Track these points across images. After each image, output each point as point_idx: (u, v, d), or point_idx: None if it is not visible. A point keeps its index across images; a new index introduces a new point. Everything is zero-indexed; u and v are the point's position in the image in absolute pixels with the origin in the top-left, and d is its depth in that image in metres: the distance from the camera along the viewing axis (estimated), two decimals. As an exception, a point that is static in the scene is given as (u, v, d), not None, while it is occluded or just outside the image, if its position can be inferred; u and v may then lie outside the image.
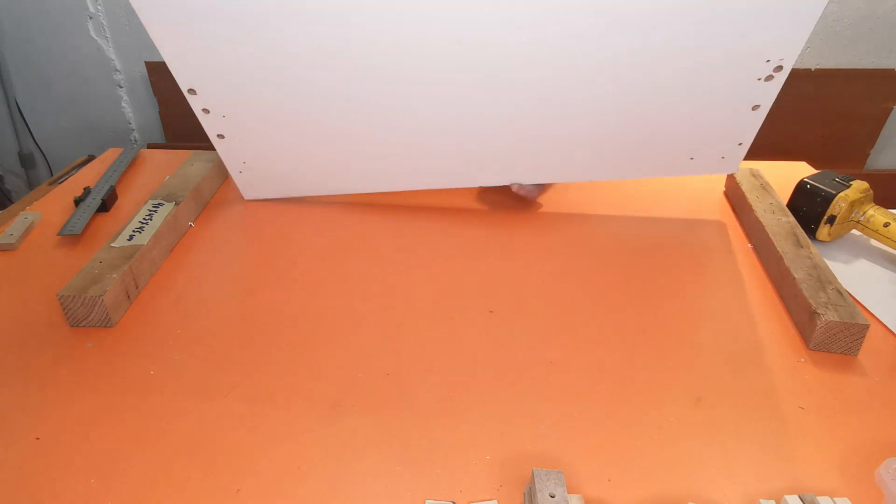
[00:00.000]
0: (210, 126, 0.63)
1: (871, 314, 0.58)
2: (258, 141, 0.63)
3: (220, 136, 0.65)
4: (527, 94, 0.52)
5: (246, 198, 0.58)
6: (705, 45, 0.47)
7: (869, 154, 1.74)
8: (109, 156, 0.90)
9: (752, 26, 0.46)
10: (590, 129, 0.53)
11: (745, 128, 0.53)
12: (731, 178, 0.80)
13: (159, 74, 1.64)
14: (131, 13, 1.57)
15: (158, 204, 0.68)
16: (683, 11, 0.44)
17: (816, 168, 0.82)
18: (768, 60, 0.48)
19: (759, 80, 0.50)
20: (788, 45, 0.48)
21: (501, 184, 0.53)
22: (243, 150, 0.64)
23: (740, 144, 0.53)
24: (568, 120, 0.52)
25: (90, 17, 1.58)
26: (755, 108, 0.53)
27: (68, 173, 0.86)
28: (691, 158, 0.52)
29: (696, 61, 0.47)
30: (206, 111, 0.62)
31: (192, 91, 0.60)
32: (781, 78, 0.51)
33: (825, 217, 0.68)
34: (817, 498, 0.38)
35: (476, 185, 0.53)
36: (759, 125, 0.53)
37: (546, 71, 0.51)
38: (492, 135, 0.55)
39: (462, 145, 0.56)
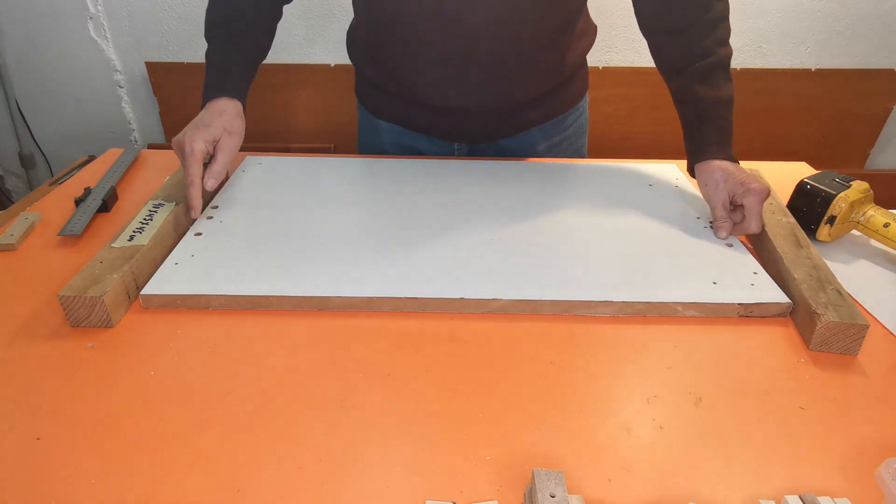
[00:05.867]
0: (198, 226, 0.69)
1: (871, 314, 0.58)
2: (230, 240, 0.66)
3: (198, 234, 0.66)
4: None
5: (143, 291, 0.56)
6: (671, 218, 0.73)
7: (869, 154, 1.74)
8: (110, 156, 0.90)
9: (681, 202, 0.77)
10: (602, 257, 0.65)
11: (743, 260, 0.64)
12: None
13: (160, 75, 1.64)
14: (132, 13, 1.57)
15: (159, 204, 0.68)
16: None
17: (816, 168, 0.82)
18: (698, 217, 0.73)
19: (705, 228, 0.70)
20: (701, 211, 0.74)
21: (486, 297, 0.58)
22: (203, 246, 0.65)
23: (755, 273, 0.62)
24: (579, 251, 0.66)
25: (90, 18, 1.58)
26: (728, 245, 0.67)
27: (69, 173, 0.87)
28: (714, 283, 0.60)
29: (675, 227, 0.71)
30: (211, 217, 0.70)
31: (215, 206, 0.73)
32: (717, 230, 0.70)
33: (825, 217, 0.68)
34: (818, 498, 0.38)
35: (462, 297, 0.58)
36: (749, 256, 0.65)
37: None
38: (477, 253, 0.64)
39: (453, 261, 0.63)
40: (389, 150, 0.94)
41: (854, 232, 0.73)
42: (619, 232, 0.69)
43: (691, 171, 0.76)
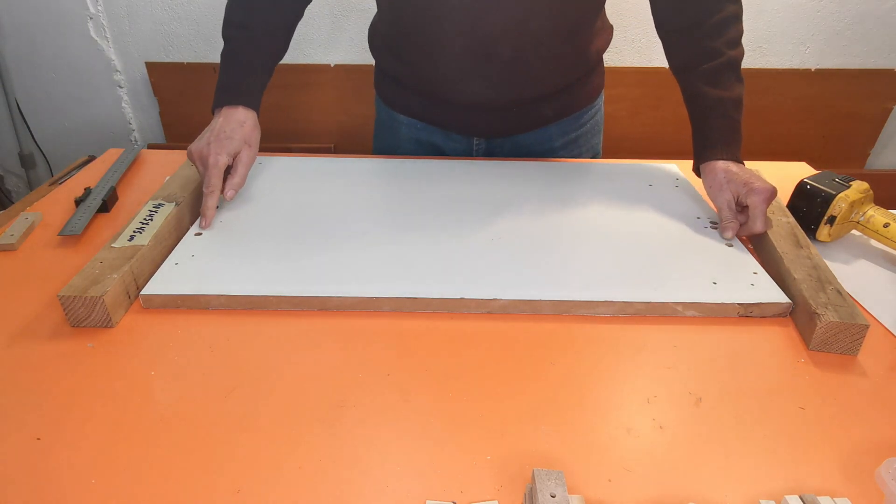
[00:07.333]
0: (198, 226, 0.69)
1: (871, 314, 0.58)
2: (230, 240, 0.66)
3: (198, 234, 0.66)
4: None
5: (143, 292, 0.56)
6: (671, 218, 0.73)
7: (869, 154, 1.74)
8: (110, 156, 0.90)
9: (687, 205, 0.76)
10: (601, 258, 0.64)
11: (744, 260, 0.64)
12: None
13: (159, 75, 1.64)
14: (132, 14, 1.57)
15: (159, 204, 0.68)
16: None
17: (816, 168, 0.82)
18: (698, 217, 0.72)
19: (706, 228, 0.70)
20: (702, 210, 0.74)
21: (485, 297, 0.57)
22: (203, 246, 0.65)
23: (756, 273, 0.61)
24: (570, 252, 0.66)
25: (90, 18, 1.58)
26: (729, 244, 0.66)
27: (69, 173, 0.87)
28: (714, 283, 0.60)
29: (676, 227, 0.71)
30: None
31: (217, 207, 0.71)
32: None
33: (825, 217, 0.68)
34: (818, 498, 0.38)
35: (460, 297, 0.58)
36: (749, 256, 0.64)
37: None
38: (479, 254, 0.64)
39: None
40: (407, 145, 0.94)
41: (854, 232, 0.73)
42: (619, 232, 0.69)
43: (697, 172, 0.76)
